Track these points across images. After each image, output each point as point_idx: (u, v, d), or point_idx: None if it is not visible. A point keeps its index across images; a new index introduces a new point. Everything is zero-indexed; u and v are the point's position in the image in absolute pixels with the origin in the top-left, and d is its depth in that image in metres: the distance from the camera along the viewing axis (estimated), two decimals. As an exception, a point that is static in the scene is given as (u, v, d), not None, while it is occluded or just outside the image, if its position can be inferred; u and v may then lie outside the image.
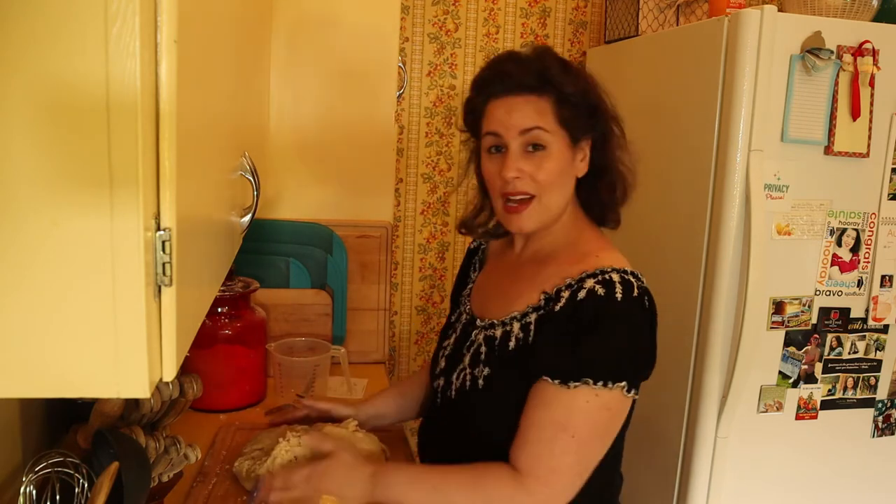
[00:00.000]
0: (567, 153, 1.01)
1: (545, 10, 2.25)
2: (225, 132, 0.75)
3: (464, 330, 1.12)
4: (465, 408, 1.06)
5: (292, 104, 1.76)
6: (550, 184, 1.00)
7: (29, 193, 0.44)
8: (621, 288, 0.95)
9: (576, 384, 0.92)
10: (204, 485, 1.13)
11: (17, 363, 0.46)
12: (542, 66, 1.00)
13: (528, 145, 0.99)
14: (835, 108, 1.52)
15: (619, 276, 0.96)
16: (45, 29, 0.42)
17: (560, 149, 1.00)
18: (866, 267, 1.62)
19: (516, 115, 0.99)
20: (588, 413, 0.93)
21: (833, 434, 1.67)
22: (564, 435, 0.92)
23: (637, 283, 0.97)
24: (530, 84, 0.99)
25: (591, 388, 0.92)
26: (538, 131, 0.99)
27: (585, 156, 1.04)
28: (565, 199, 1.04)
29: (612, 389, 0.93)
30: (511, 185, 1.00)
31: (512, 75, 1.01)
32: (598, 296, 0.94)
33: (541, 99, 0.99)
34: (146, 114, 0.45)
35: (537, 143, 0.99)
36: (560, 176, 1.01)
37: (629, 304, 0.95)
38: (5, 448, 1.05)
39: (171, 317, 0.48)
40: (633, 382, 0.96)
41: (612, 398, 0.94)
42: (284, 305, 1.69)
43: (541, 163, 0.99)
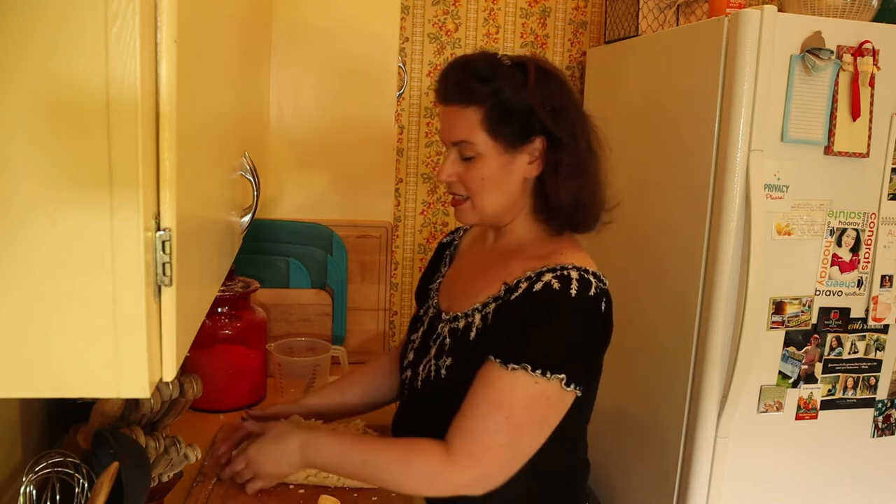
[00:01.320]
0: (500, 159, 1.03)
1: (545, 10, 2.25)
2: (225, 132, 0.75)
3: (430, 323, 1.14)
4: (429, 398, 1.08)
5: (292, 104, 1.76)
6: (480, 189, 1.04)
7: (28, 193, 0.44)
8: (577, 285, 0.96)
9: (514, 366, 0.94)
10: (204, 485, 1.13)
11: (17, 363, 0.46)
12: (461, 79, 1.03)
13: (461, 153, 1.04)
14: (835, 108, 1.52)
15: (578, 273, 0.98)
16: (45, 29, 0.42)
17: (490, 157, 1.03)
18: (866, 267, 1.62)
19: (447, 126, 1.05)
20: (526, 398, 0.94)
21: (833, 434, 1.67)
22: (499, 415, 0.93)
23: (596, 284, 0.98)
24: (455, 97, 1.03)
25: (529, 375, 0.93)
26: (464, 144, 1.03)
27: (537, 157, 1.04)
28: (505, 201, 1.06)
29: (549, 380, 0.94)
30: (448, 186, 1.08)
31: (443, 85, 1.05)
32: (552, 289, 0.96)
33: (467, 109, 1.02)
34: (146, 114, 0.45)
35: (466, 155, 1.03)
36: (492, 182, 1.04)
37: (583, 301, 0.96)
38: (5, 448, 1.05)
39: (171, 317, 0.48)
40: (573, 377, 0.95)
41: (551, 388, 0.94)
42: (284, 305, 1.69)
43: (469, 169, 1.04)
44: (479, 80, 1.01)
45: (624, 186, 1.96)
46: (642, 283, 1.86)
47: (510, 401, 0.94)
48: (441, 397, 1.05)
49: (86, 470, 0.82)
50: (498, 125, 1.01)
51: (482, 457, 0.94)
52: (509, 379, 0.94)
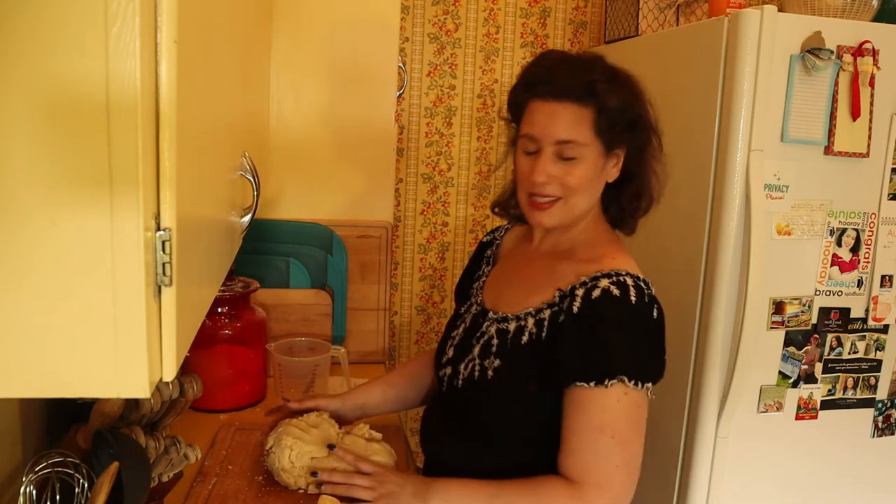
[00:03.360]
0: (599, 161, 1.04)
1: (545, 10, 2.25)
2: (225, 132, 0.75)
3: (474, 321, 1.13)
4: (470, 398, 1.07)
5: (292, 104, 1.76)
6: (578, 189, 1.03)
7: (28, 193, 0.44)
8: (635, 292, 0.97)
9: (612, 381, 0.93)
10: (204, 485, 1.13)
11: (17, 363, 0.46)
12: (590, 78, 1.01)
13: (561, 153, 1.02)
14: (835, 108, 1.52)
15: (633, 280, 0.98)
16: (45, 29, 0.42)
17: (593, 158, 1.03)
18: (866, 267, 1.62)
19: (554, 123, 1.01)
20: (622, 411, 0.94)
21: (833, 434, 1.67)
22: (604, 437, 0.94)
23: (647, 291, 0.99)
24: (576, 94, 1.01)
25: (623, 386, 0.94)
26: (573, 145, 1.01)
27: (619, 162, 1.06)
28: (591, 202, 1.07)
29: (640, 389, 0.95)
30: (539, 187, 1.03)
31: (559, 81, 1.02)
32: (614, 296, 0.96)
33: (582, 108, 1.01)
34: (146, 114, 0.44)
35: (567, 155, 1.02)
36: (589, 182, 1.04)
37: (645, 307, 0.97)
38: (5, 448, 1.05)
39: (171, 317, 0.48)
40: (655, 383, 0.98)
41: (641, 397, 0.96)
42: (284, 305, 1.69)
43: (571, 169, 1.02)
44: (607, 82, 1.02)
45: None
46: (642, 283, 1.86)
47: (610, 419, 0.94)
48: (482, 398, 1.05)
49: (86, 470, 0.82)
50: (607, 128, 1.02)
51: (604, 483, 0.94)
52: (602, 398, 0.94)
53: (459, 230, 2.31)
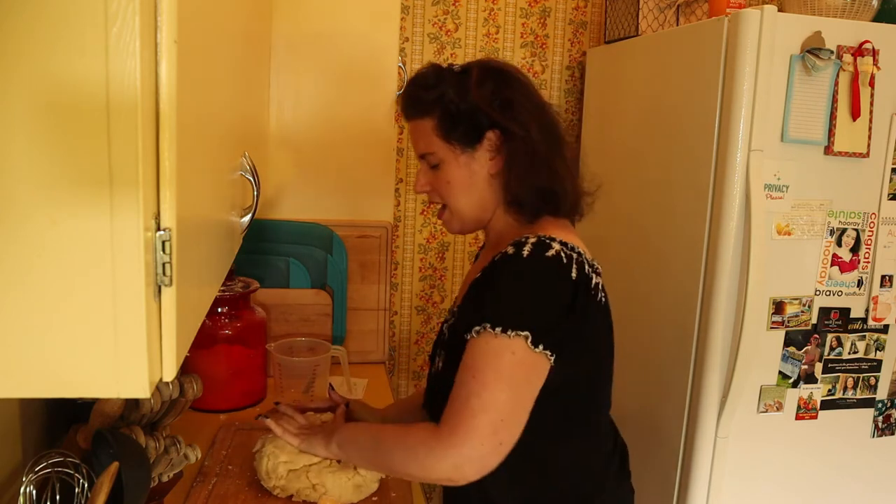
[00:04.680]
0: (461, 161, 1.07)
1: (545, 10, 2.25)
2: (225, 132, 0.75)
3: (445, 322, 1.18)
4: (433, 392, 1.12)
5: (292, 104, 1.76)
6: (448, 193, 1.08)
7: (28, 193, 0.44)
8: (531, 248, 0.96)
9: (477, 329, 0.94)
10: (204, 485, 1.13)
11: (17, 363, 0.46)
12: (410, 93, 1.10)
13: (428, 163, 1.09)
14: (835, 108, 1.52)
15: (537, 238, 0.97)
16: (45, 29, 0.42)
17: (451, 161, 1.07)
18: (866, 267, 1.62)
19: (412, 140, 1.12)
20: (488, 354, 0.93)
21: (833, 434, 1.67)
22: (467, 376, 0.93)
23: (560, 248, 0.96)
24: (410, 111, 1.10)
25: (489, 333, 0.93)
26: (428, 156, 1.08)
27: (496, 153, 1.06)
28: (477, 201, 1.09)
29: (511, 337, 0.92)
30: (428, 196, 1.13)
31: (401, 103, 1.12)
32: (506, 254, 0.97)
33: (422, 121, 1.08)
34: (146, 114, 0.44)
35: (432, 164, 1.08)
36: (458, 184, 1.08)
37: (535, 260, 0.95)
38: (5, 448, 1.05)
39: (171, 317, 0.48)
40: (539, 336, 0.92)
41: (516, 345, 0.92)
42: (284, 305, 1.69)
43: (437, 175, 1.09)
44: (424, 89, 1.07)
45: (624, 186, 1.96)
46: (642, 282, 1.86)
47: (476, 361, 0.94)
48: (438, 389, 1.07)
49: (86, 470, 0.82)
50: (449, 129, 1.05)
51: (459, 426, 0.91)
52: (474, 343, 0.94)
53: (459, 230, 2.31)
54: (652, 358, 1.80)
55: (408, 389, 2.36)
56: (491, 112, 1.04)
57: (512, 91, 1.07)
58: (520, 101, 1.06)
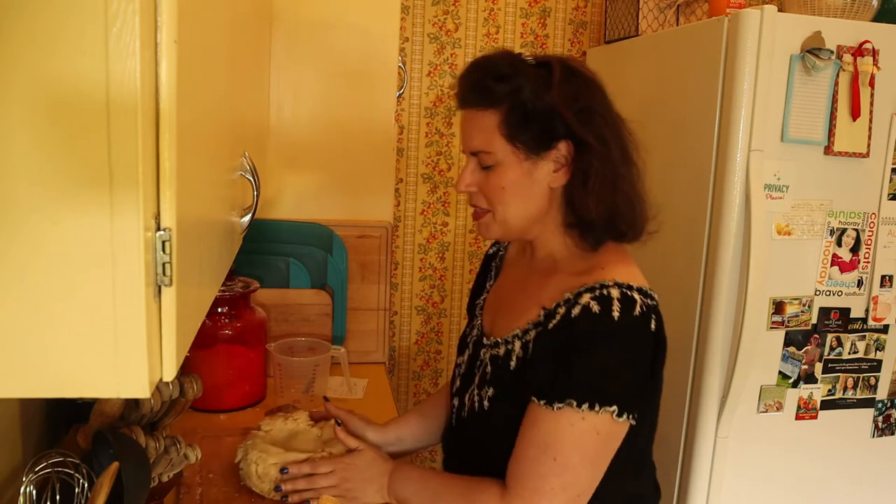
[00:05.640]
0: (521, 166, 0.95)
1: (545, 10, 2.25)
2: (225, 132, 0.75)
3: (475, 347, 1.10)
4: (474, 429, 1.05)
5: (292, 104, 1.76)
6: (498, 199, 0.97)
7: (29, 193, 0.44)
8: (619, 305, 0.88)
9: (559, 405, 0.88)
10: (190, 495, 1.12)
11: (17, 363, 0.46)
12: (477, 78, 0.95)
13: (480, 162, 0.97)
14: (835, 108, 1.52)
15: (620, 291, 0.90)
16: (45, 29, 0.42)
17: (511, 164, 0.95)
18: (866, 267, 1.62)
19: (466, 133, 0.98)
20: (573, 436, 0.88)
21: (833, 434, 1.67)
22: (547, 457, 0.89)
23: (642, 302, 0.90)
24: (469, 99, 0.96)
25: (575, 411, 0.87)
26: (482, 154, 0.96)
27: (563, 164, 0.96)
28: (530, 212, 0.98)
29: (599, 413, 0.87)
30: (469, 198, 1.01)
31: (458, 88, 0.98)
32: (592, 313, 0.89)
33: (484, 113, 0.95)
34: (146, 114, 0.44)
35: (485, 164, 0.97)
36: (509, 191, 0.96)
37: (627, 324, 0.89)
38: (5, 448, 1.05)
39: (171, 317, 0.48)
40: (624, 408, 0.89)
41: (601, 422, 0.88)
42: (284, 305, 1.69)
43: (488, 177, 0.97)
44: (497, 79, 0.93)
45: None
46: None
47: (557, 442, 0.89)
48: (484, 429, 1.02)
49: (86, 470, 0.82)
50: (517, 129, 0.93)
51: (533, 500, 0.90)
52: (553, 419, 0.89)
53: (459, 230, 2.31)
54: (652, 358, 1.80)
55: (407, 389, 2.36)
56: (571, 119, 0.93)
57: (593, 99, 0.97)
58: (601, 111, 0.97)
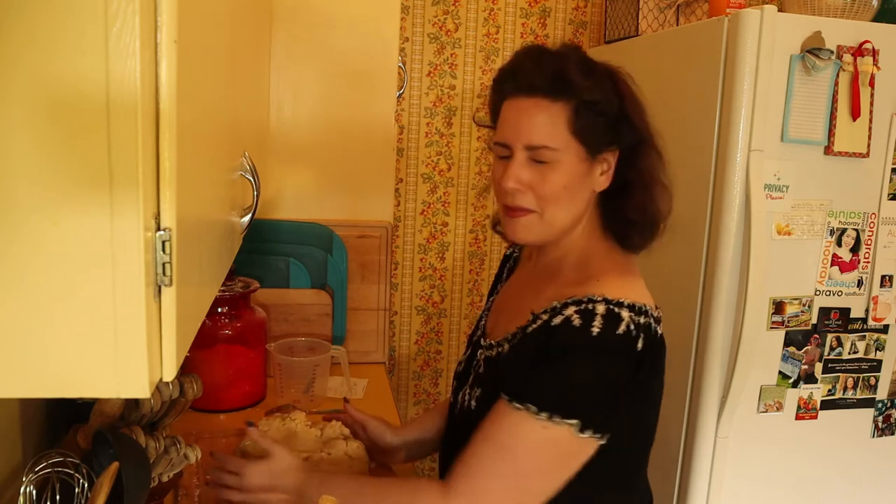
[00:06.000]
0: (580, 167, 0.91)
1: (545, 10, 2.25)
2: (225, 132, 0.75)
3: (474, 348, 1.09)
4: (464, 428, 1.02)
5: (292, 104, 1.76)
6: (554, 199, 0.91)
7: (29, 193, 0.44)
8: (602, 322, 0.84)
9: (518, 406, 0.84)
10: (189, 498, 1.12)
11: (17, 363, 0.46)
12: (559, 67, 0.89)
13: (534, 157, 0.91)
14: (835, 108, 1.52)
15: (606, 307, 0.85)
16: (45, 29, 0.42)
17: (571, 162, 0.90)
18: (866, 267, 1.62)
19: (525, 123, 0.90)
20: (531, 443, 0.84)
21: (833, 434, 1.67)
22: (501, 458, 0.85)
23: (631, 320, 0.85)
24: (543, 87, 0.89)
25: (535, 418, 0.83)
26: (542, 150, 0.89)
27: (608, 169, 0.94)
28: (574, 216, 0.94)
29: (559, 425, 0.83)
30: (510, 197, 0.92)
31: (526, 73, 0.91)
32: (572, 326, 0.85)
33: (554, 104, 0.89)
34: (146, 114, 0.44)
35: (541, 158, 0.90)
36: (567, 191, 0.91)
37: (605, 339, 0.84)
38: (5, 448, 1.05)
39: (171, 317, 0.48)
40: (589, 424, 0.84)
41: (561, 435, 0.84)
42: (284, 305, 1.69)
43: (546, 175, 0.90)
44: (582, 73, 0.89)
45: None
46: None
47: (515, 444, 0.85)
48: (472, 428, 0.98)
49: (86, 470, 0.82)
50: (587, 127, 0.89)
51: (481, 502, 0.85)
52: (516, 420, 0.85)
53: (459, 230, 2.31)
54: (652, 358, 1.80)
55: (407, 389, 2.36)
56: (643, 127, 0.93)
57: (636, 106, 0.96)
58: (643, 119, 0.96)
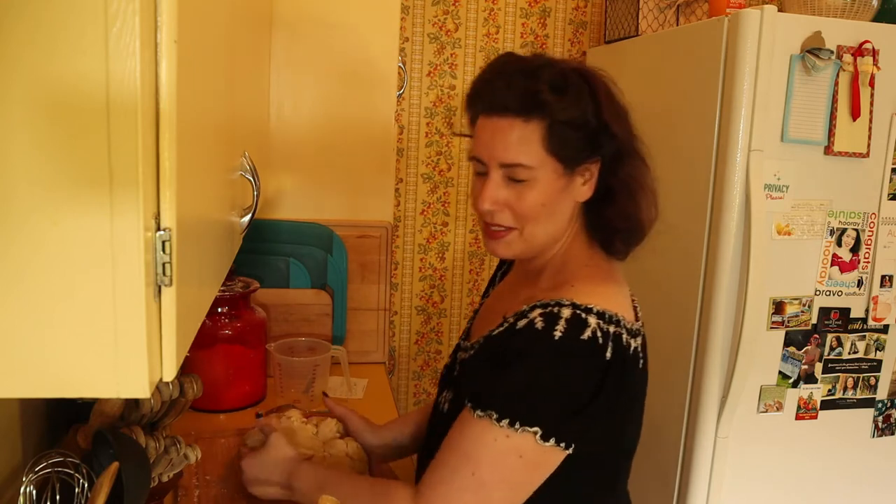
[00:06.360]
0: (558, 182, 0.89)
1: (545, 10, 2.25)
2: (225, 132, 0.75)
3: (455, 350, 1.08)
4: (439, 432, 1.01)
5: (292, 104, 1.76)
6: (533, 217, 0.90)
7: (29, 193, 0.44)
8: (565, 325, 0.82)
9: (480, 413, 0.82)
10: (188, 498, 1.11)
11: (17, 363, 0.46)
12: (530, 87, 0.87)
13: (510, 175, 0.89)
14: (835, 108, 1.52)
15: (572, 311, 0.83)
16: (45, 29, 0.42)
17: (548, 179, 0.88)
18: (866, 267, 1.62)
19: (499, 143, 0.88)
20: (494, 453, 0.82)
21: (833, 434, 1.67)
22: (466, 469, 0.83)
23: (598, 326, 0.83)
24: (515, 108, 0.87)
25: (496, 426, 0.81)
26: (517, 168, 0.88)
27: (591, 178, 0.92)
28: (555, 229, 0.93)
29: (520, 433, 0.80)
30: (488, 216, 0.91)
31: (497, 93, 0.89)
32: (534, 328, 0.83)
33: (528, 124, 0.86)
34: (146, 114, 0.44)
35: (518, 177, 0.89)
36: (546, 208, 0.89)
37: (568, 343, 0.81)
38: (5, 448, 1.05)
39: (171, 317, 0.48)
40: (553, 432, 0.81)
41: (525, 444, 0.81)
42: (284, 305, 1.69)
43: (522, 193, 0.89)
44: (554, 91, 0.86)
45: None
46: (642, 282, 1.86)
47: (478, 454, 0.82)
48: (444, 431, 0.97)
49: (86, 470, 0.82)
50: (562, 143, 0.87)
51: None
52: (478, 428, 0.82)
53: (459, 230, 2.31)
54: (652, 358, 1.80)
55: (408, 389, 2.36)
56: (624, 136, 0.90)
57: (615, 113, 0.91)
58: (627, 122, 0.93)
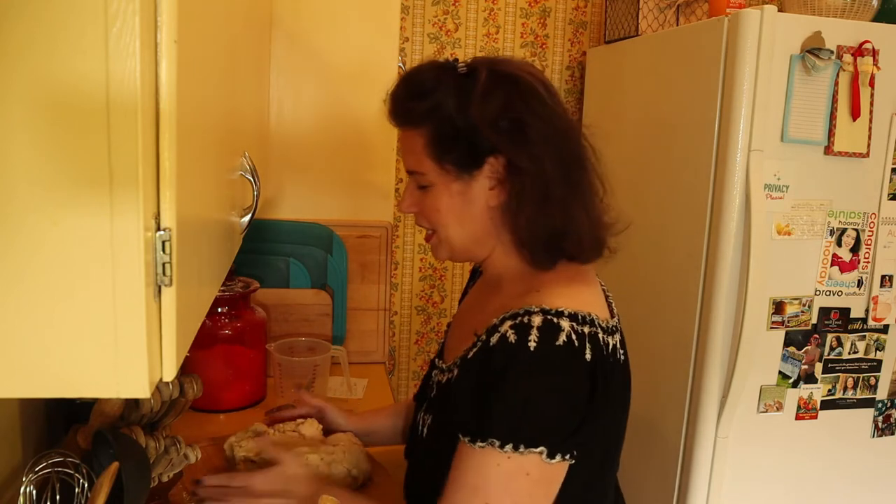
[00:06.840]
0: (454, 186, 0.89)
1: (545, 10, 2.25)
2: (225, 132, 0.75)
3: (430, 368, 1.06)
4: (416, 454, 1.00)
5: (292, 104, 1.76)
6: (439, 221, 0.92)
7: (29, 193, 0.44)
8: (538, 334, 0.79)
9: (482, 444, 0.80)
10: None
11: (17, 363, 0.46)
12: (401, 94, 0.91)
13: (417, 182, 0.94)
14: (835, 108, 1.52)
15: (543, 318, 0.81)
16: (45, 29, 0.42)
17: (444, 183, 0.90)
18: (866, 267, 1.62)
19: (403, 153, 0.95)
20: (501, 477, 0.80)
21: (833, 434, 1.67)
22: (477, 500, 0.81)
23: (571, 329, 0.80)
24: (397, 120, 0.92)
25: (498, 452, 0.79)
26: (417, 175, 0.92)
27: (499, 182, 0.88)
28: (472, 232, 0.92)
29: (525, 455, 0.79)
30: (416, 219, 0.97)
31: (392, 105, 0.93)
32: (508, 343, 0.81)
33: (412, 133, 0.90)
34: (146, 114, 0.44)
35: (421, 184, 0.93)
36: (450, 211, 0.91)
37: (546, 353, 0.79)
38: (5, 448, 1.05)
39: (171, 317, 0.48)
40: (556, 447, 0.80)
41: (530, 463, 0.79)
42: (284, 305, 1.69)
43: (425, 198, 0.93)
44: (417, 98, 0.88)
45: (623, 187, 1.96)
46: (642, 283, 1.86)
47: (485, 483, 0.80)
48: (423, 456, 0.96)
49: (86, 470, 0.82)
50: (443, 149, 0.88)
51: None
52: (480, 459, 0.81)
53: (459, 230, 2.31)
54: (652, 358, 1.80)
55: (408, 389, 2.36)
56: (494, 136, 0.85)
57: (526, 109, 0.86)
58: (535, 124, 0.86)
